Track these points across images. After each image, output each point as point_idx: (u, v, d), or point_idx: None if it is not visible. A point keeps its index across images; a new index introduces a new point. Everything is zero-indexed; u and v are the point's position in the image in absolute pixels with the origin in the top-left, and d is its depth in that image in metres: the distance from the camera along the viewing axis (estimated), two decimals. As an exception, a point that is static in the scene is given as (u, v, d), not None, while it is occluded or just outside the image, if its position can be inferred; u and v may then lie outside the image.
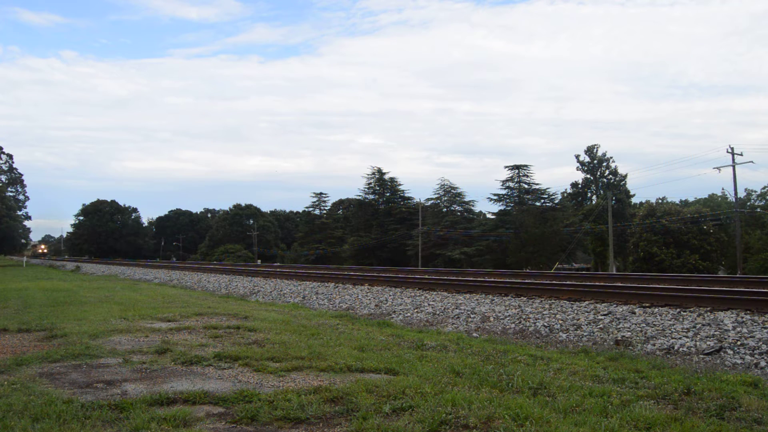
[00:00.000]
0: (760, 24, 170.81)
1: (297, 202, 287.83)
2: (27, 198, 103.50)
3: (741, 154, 44.98)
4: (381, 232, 71.67)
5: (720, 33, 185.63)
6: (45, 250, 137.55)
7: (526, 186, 64.33)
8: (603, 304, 11.23)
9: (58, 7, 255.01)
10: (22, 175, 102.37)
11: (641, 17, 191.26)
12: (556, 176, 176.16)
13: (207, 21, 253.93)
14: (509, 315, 11.17)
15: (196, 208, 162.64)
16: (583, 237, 62.13)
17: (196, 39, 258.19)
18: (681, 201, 79.44)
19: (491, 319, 11.15)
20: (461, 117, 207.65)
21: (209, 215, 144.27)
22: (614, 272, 41.17)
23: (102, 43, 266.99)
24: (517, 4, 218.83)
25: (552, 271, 33.98)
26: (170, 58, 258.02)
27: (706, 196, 77.53)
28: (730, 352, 7.66)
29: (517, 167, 64.35)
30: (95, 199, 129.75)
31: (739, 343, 7.88)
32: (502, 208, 65.34)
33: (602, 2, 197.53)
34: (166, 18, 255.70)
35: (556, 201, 65.45)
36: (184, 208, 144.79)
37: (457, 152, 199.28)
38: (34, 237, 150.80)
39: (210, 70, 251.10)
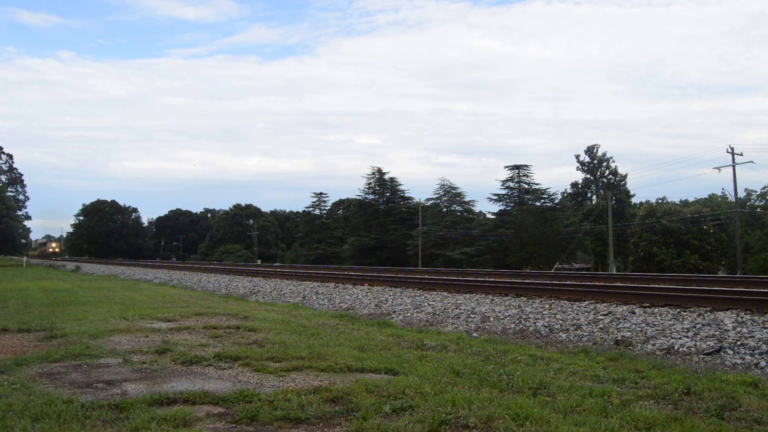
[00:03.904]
0: (757, 24, 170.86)
1: (297, 202, 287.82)
2: (27, 198, 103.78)
3: (741, 154, 45.05)
4: (381, 232, 71.65)
5: (717, 33, 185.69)
6: (57, 249, 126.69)
7: (526, 186, 64.35)
8: (603, 304, 11.23)
9: (56, 7, 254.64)
10: (22, 175, 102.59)
11: (638, 17, 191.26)
12: (555, 176, 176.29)
13: (204, 21, 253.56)
14: (509, 315, 11.17)
15: (196, 208, 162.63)
16: (583, 237, 62.16)
17: (193, 39, 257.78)
18: (681, 201, 79.52)
19: (491, 319, 11.15)
20: (459, 117, 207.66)
21: (209, 215, 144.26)
22: (614, 272, 41.17)
23: (99, 44, 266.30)
24: (514, 5, 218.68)
25: (552, 271, 33.98)
26: (167, 58, 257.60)
27: (706, 196, 77.65)
28: (730, 352, 7.66)
29: (517, 167, 64.36)
30: (95, 199, 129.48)
31: (739, 343, 7.88)
32: (502, 208, 65.39)
33: (599, 2, 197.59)
34: (163, 18, 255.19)
35: (556, 201, 65.48)
36: (184, 208, 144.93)
37: (456, 152, 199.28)
38: (34, 237, 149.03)
39: (207, 71, 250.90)
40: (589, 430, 4.31)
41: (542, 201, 63.64)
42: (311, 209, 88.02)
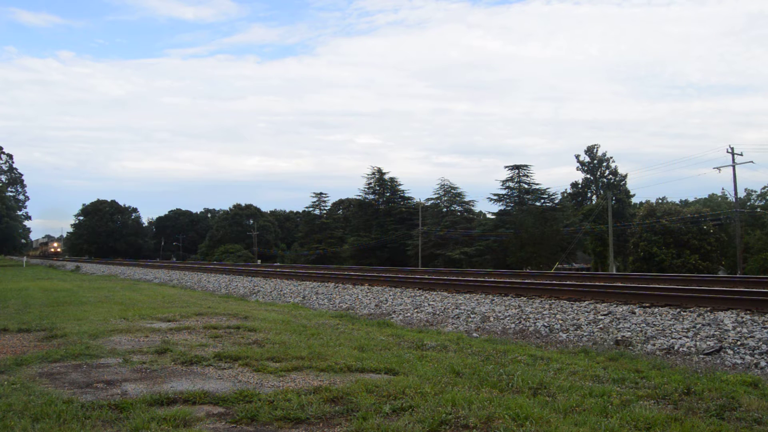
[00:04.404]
0: (756, 24, 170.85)
1: (297, 202, 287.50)
2: (27, 198, 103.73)
3: (741, 154, 45.04)
4: (381, 232, 71.61)
5: (717, 33, 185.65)
6: (59, 249, 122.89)
7: (526, 186, 64.33)
8: (603, 304, 11.22)
9: (56, 7, 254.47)
10: (22, 175, 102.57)
11: (638, 17, 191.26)
12: (555, 176, 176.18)
13: (203, 21, 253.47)
14: (509, 315, 11.17)
15: (196, 208, 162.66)
16: (583, 237, 62.14)
17: (193, 39, 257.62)
18: (681, 201, 79.51)
19: (491, 319, 11.15)
20: (459, 117, 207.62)
21: (209, 215, 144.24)
22: (614, 272, 41.15)
23: (99, 44, 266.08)
24: (513, 5, 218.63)
25: (552, 271, 33.98)
26: (167, 58, 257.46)
27: (706, 196, 77.61)
28: (730, 352, 7.66)
29: (517, 167, 64.35)
30: (95, 199, 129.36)
31: (739, 343, 7.88)
32: (502, 208, 65.39)
33: (599, 2, 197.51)
34: (163, 18, 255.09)
35: (556, 201, 65.47)
36: (184, 208, 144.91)
37: (456, 152, 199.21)
38: (34, 237, 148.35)
39: (207, 71, 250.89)
40: (589, 430, 4.30)
41: (542, 201, 63.63)
42: (311, 209, 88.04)
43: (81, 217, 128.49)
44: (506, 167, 65.32)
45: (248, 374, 6.13)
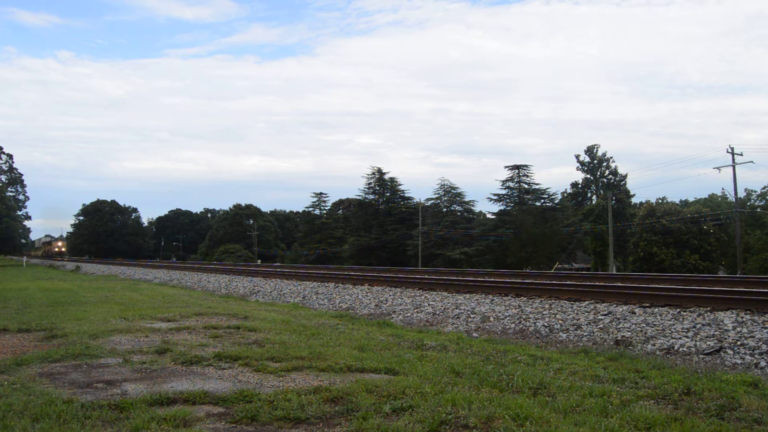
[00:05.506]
0: (756, 24, 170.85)
1: (296, 202, 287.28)
2: (27, 198, 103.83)
3: (741, 154, 45.08)
4: (381, 232, 71.66)
5: (716, 33, 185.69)
6: (63, 248, 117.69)
7: (526, 186, 64.34)
8: (603, 304, 11.22)
9: (56, 7, 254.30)
10: (22, 175, 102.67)
11: (637, 17, 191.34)
12: (555, 176, 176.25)
13: (203, 21, 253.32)
14: (509, 315, 11.17)
15: (196, 208, 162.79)
16: (583, 237, 62.16)
17: (192, 39, 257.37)
18: (681, 201, 79.53)
19: (491, 319, 11.15)
20: (459, 117, 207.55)
21: (209, 215, 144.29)
22: (614, 272, 41.16)
23: (98, 44, 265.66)
24: (512, 5, 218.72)
25: (552, 271, 33.98)
26: (166, 58, 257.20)
27: (706, 196, 77.63)
28: (730, 352, 7.66)
29: (517, 167, 64.36)
30: (95, 199, 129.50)
31: (739, 343, 7.88)
32: (502, 208, 65.41)
33: (598, 2, 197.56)
34: (162, 18, 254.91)
35: (556, 201, 65.50)
36: (184, 208, 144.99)
37: (456, 152, 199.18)
38: (35, 237, 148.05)
39: (207, 71, 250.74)
40: (589, 430, 4.30)
41: (542, 201, 63.67)
42: (311, 209, 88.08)
43: (81, 217, 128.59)
44: (506, 167, 65.40)
45: (248, 374, 6.13)
